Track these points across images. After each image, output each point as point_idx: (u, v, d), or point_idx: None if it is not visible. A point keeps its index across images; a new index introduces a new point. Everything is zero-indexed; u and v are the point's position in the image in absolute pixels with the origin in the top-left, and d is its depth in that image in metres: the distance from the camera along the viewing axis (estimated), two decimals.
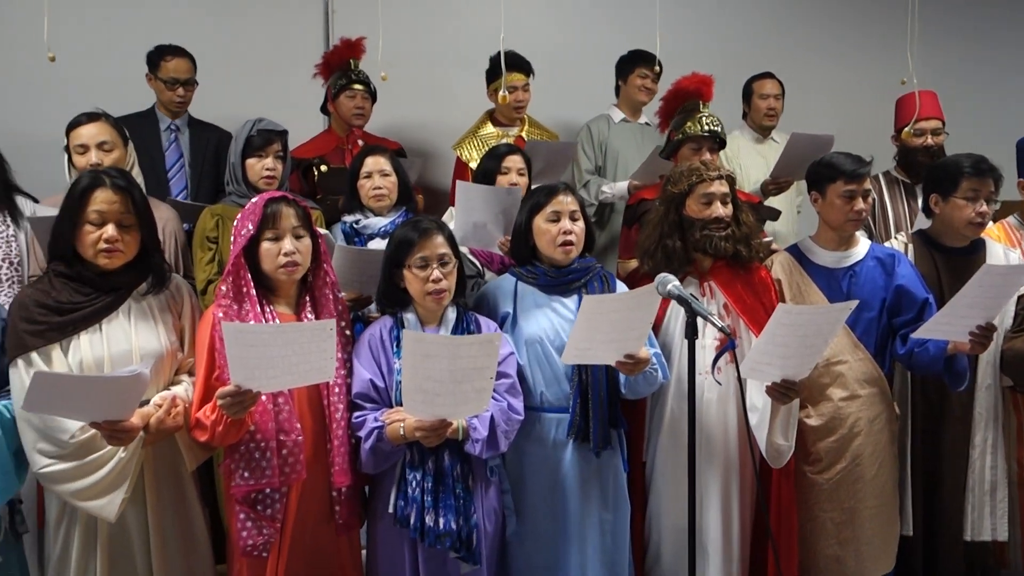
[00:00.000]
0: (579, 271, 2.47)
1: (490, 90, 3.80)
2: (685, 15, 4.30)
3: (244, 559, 2.13)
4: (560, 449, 2.41)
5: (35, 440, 2.01)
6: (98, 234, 2.06)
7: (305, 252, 2.18)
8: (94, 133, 2.66)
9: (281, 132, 2.91)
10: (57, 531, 2.12)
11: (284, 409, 2.12)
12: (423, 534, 2.18)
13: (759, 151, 4.04)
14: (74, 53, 3.23)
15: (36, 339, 2.02)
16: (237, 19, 4.04)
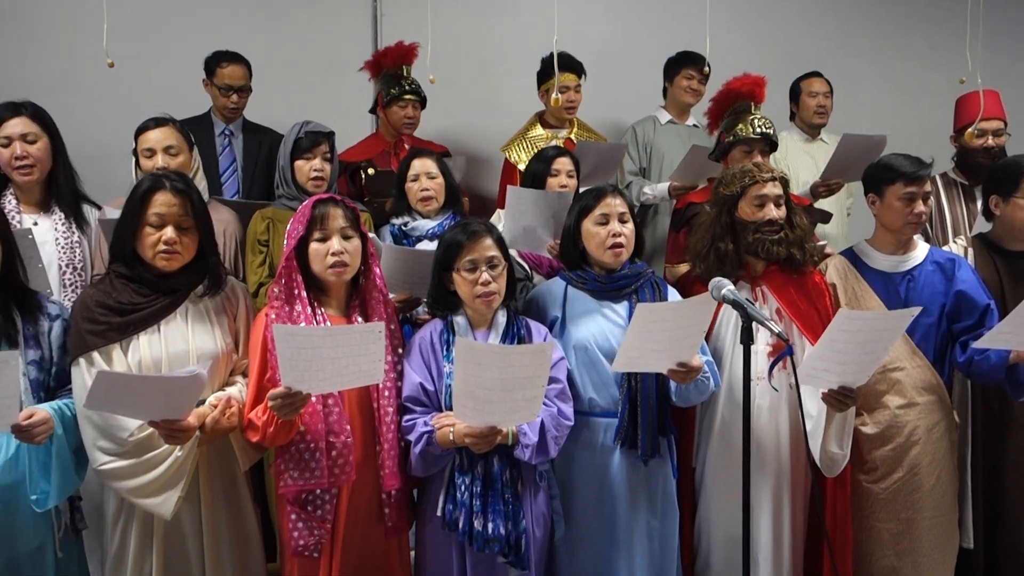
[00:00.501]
0: (630, 277, 2.45)
1: (541, 91, 3.80)
2: (733, 16, 4.25)
3: (296, 559, 2.16)
4: (608, 454, 2.39)
5: (95, 437, 2.05)
6: (157, 236, 2.10)
7: (354, 252, 2.19)
8: (161, 138, 2.71)
9: (328, 133, 2.93)
10: (115, 527, 2.17)
11: (334, 411, 2.14)
12: (472, 538, 2.18)
13: (808, 151, 3.97)
14: (132, 60, 3.30)
15: (97, 339, 2.06)
16: (287, 24, 4.09)
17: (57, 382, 2.14)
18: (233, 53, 3.59)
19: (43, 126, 2.66)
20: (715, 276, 2.50)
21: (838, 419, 2.36)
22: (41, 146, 2.65)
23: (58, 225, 2.68)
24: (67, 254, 2.67)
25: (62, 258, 2.66)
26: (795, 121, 4.07)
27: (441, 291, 2.33)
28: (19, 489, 2.02)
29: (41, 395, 2.09)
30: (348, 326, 2.15)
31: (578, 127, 3.83)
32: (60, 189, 2.71)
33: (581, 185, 3.41)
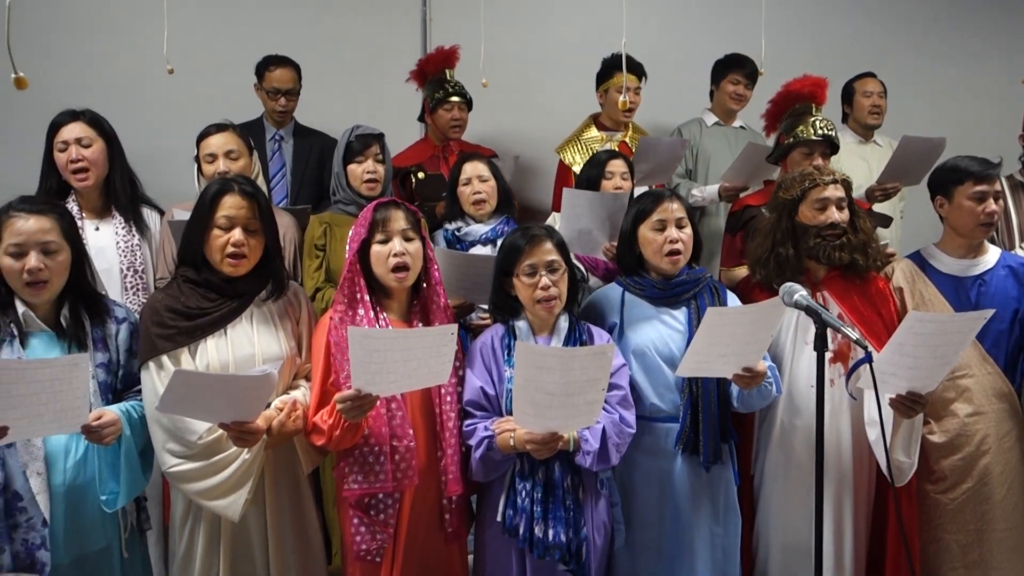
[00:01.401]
0: (688, 282, 2.42)
1: (599, 91, 3.78)
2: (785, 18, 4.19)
3: (358, 563, 2.16)
4: (670, 459, 2.37)
5: (165, 440, 2.07)
6: (225, 238, 2.12)
7: (415, 255, 2.19)
8: (222, 143, 2.75)
9: (378, 135, 2.94)
10: (183, 529, 2.19)
11: (397, 415, 2.14)
12: (532, 545, 2.16)
13: (861, 154, 3.92)
14: (192, 66, 3.34)
15: (166, 343, 2.09)
16: (339, 30, 4.11)
17: (124, 384, 2.16)
18: (282, 57, 3.62)
19: (99, 131, 2.70)
20: (775, 282, 2.49)
21: (905, 426, 2.31)
22: (96, 150, 2.69)
23: (118, 229, 2.73)
24: (128, 257, 2.71)
25: (123, 262, 2.70)
26: (848, 123, 4.01)
27: (502, 296, 2.32)
28: (88, 490, 2.04)
29: (109, 397, 2.11)
30: (422, 328, 2.15)
31: (632, 130, 3.81)
32: (118, 194, 2.76)
33: (641, 184, 3.39)
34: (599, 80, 3.76)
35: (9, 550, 1.96)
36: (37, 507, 1.97)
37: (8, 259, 2.00)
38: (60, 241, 2.04)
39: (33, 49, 2.09)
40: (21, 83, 1.98)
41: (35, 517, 1.97)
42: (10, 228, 2.00)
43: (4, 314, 2.02)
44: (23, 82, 1.97)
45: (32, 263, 1.99)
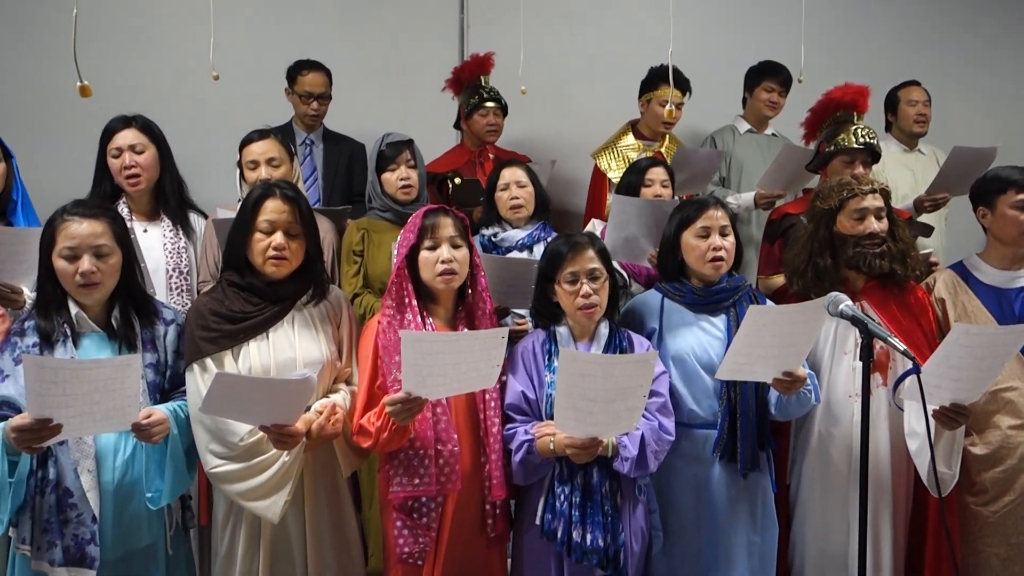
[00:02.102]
0: (728, 290, 2.42)
1: (642, 100, 3.78)
2: (825, 25, 4.17)
3: (400, 566, 2.18)
4: (708, 466, 2.37)
5: (207, 441, 2.11)
6: (267, 242, 2.16)
7: (462, 261, 2.21)
8: (264, 150, 2.81)
9: (408, 141, 2.98)
10: (224, 529, 2.22)
11: (442, 419, 2.16)
12: (570, 549, 2.17)
13: (905, 163, 3.88)
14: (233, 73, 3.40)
15: (210, 345, 2.13)
16: (376, 36, 4.16)
17: (171, 384, 2.20)
18: (313, 61, 3.66)
19: (151, 137, 2.76)
20: (812, 291, 2.49)
21: (947, 438, 2.30)
22: (149, 156, 2.75)
23: (166, 232, 2.79)
24: (174, 259, 2.77)
25: (169, 263, 2.76)
26: (892, 131, 3.97)
27: (543, 302, 2.34)
28: (136, 487, 2.08)
29: (157, 397, 2.15)
30: (474, 331, 2.17)
31: (668, 140, 3.81)
32: (167, 198, 2.82)
33: (678, 192, 3.39)
34: (643, 89, 3.76)
35: (60, 544, 2.00)
36: (87, 503, 2.01)
37: (62, 261, 2.05)
38: (112, 245, 2.08)
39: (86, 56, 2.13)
40: (85, 91, 2.02)
41: (85, 513, 2.01)
42: (64, 231, 2.05)
43: (58, 314, 2.07)
44: (87, 90, 2.02)
45: (85, 266, 2.03)
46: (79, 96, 2.03)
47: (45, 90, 3.69)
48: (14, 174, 2.67)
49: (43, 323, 2.06)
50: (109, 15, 3.75)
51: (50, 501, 2.00)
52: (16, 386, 2.00)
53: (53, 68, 3.61)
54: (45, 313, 2.07)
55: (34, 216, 2.71)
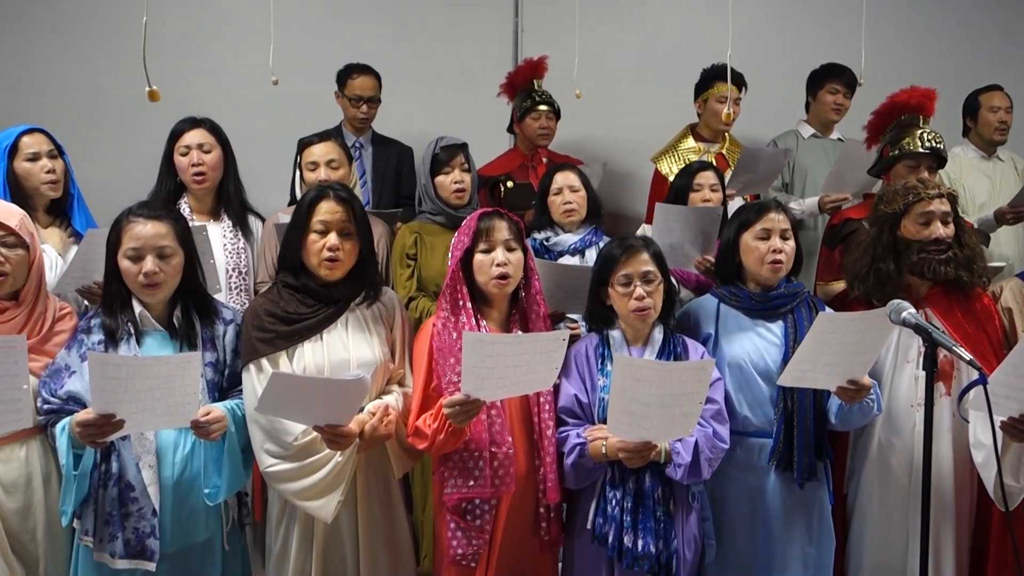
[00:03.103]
0: (786, 296, 2.38)
1: (698, 101, 3.75)
2: (890, 27, 4.08)
3: (453, 567, 2.18)
4: (763, 475, 2.33)
5: (262, 440, 2.15)
6: (321, 243, 2.18)
7: (517, 265, 2.21)
8: (324, 152, 2.87)
9: (462, 144, 2.99)
10: (279, 527, 2.25)
11: (496, 421, 2.16)
12: (621, 554, 2.15)
13: (984, 170, 3.76)
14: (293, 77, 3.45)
15: (266, 346, 2.16)
16: (431, 40, 4.20)
17: (229, 383, 2.24)
18: (363, 65, 3.69)
19: (218, 139, 2.85)
20: (874, 297, 2.43)
21: (1015, 450, 2.21)
22: (215, 156, 2.83)
23: (226, 232, 2.86)
24: (233, 259, 2.84)
25: (229, 262, 2.83)
26: (970, 137, 3.84)
27: (597, 305, 2.32)
28: (194, 483, 2.12)
29: (215, 395, 2.20)
30: (535, 333, 2.17)
31: (729, 142, 3.77)
32: (229, 199, 2.89)
33: (739, 195, 3.34)
34: (698, 90, 3.73)
35: (121, 537, 2.05)
36: (148, 497, 2.06)
37: (127, 261, 2.10)
38: (174, 246, 2.13)
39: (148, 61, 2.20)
40: (154, 95, 2.08)
41: (146, 507, 2.06)
42: (130, 232, 2.10)
43: (122, 312, 2.13)
44: (156, 94, 2.07)
45: (148, 266, 2.08)
46: (147, 100, 2.08)
47: (109, 93, 3.81)
48: (69, 170, 2.76)
49: (108, 321, 2.12)
50: (170, 21, 3.85)
51: (112, 494, 2.06)
52: (82, 382, 2.06)
53: (114, 72, 3.75)
54: (110, 311, 2.13)
55: (87, 213, 2.79)
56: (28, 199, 2.62)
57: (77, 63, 3.88)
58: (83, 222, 2.73)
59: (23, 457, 2.12)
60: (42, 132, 2.70)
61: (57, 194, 2.69)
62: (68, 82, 3.86)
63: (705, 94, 3.69)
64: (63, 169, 2.71)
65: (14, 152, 2.64)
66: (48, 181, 2.64)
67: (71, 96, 3.85)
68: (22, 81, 3.83)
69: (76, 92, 3.87)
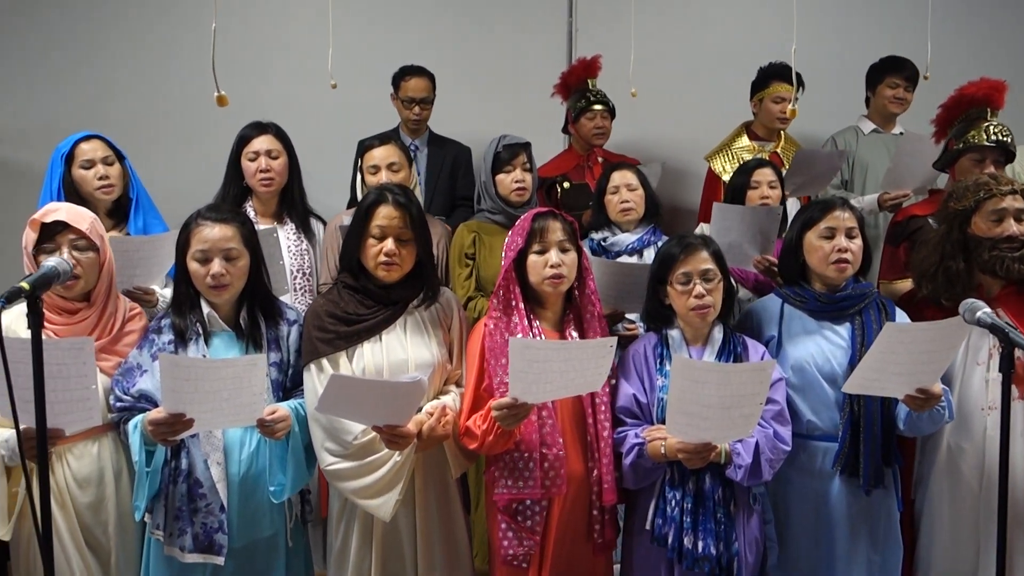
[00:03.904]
0: (853, 296, 2.32)
1: (754, 100, 3.70)
2: (953, 19, 3.96)
3: (504, 567, 2.19)
4: (827, 480, 2.29)
5: (323, 439, 2.18)
6: (379, 247, 2.21)
7: (571, 265, 2.21)
8: (384, 155, 2.90)
9: (525, 144, 2.99)
10: (339, 525, 2.29)
11: (547, 423, 2.16)
12: (681, 555, 2.14)
13: None
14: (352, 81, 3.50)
15: (326, 347, 2.19)
16: (486, 40, 4.20)
17: (293, 383, 2.28)
18: (417, 67, 3.70)
19: (284, 144, 2.92)
20: (943, 297, 2.37)
21: None
22: (281, 162, 2.90)
23: (290, 234, 2.92)
24: (297, 260, 2.90)
25: (293, 264, 2.88)
26: None
27: (656, 304, 2.31)
28: (260, 480, 2.17)
29: (279, 394, 2.24)
30: (582, 341, 2.17)
31: (784, 140, 3.71)
32: (294, 202, 2.95)
33: (794, 195, 3.29)
34: (755, 89, 3.68)
35: (190, 532, 2.11)
36: (216, 494, 2.11)
37: (195, 263, 2.16)
38: (241, 248, 2.18)
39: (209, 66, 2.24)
40: (222, 100, 2.12)
41: (214, 503, 2.11)
42: (198, 235, 2.16)
43: (191, 313, 2.19)
44: (224, 100, 2.12)
45: (215, 269, 2.14)
46: (215, 105, 2.12)
47: (178, 99, 3.91)
48: (130, 174, 2.83)
49: (178, 321, 2.18)
50: (232, 27, 3.93)
51: (182, 490, 2.11)
52: (153, 380, 2.12)
53: (182, 78, 3.85)
54: (180, 312, 2.19)
55: (155, 214, 2.86)
56: (86, 204, 2.69)
57: (146, 69, 3.98)
58: (141, 225, 2.79)
59: (95, 453, 2.18)
60: (99, 138, 2.78)
61: (111, 199, 2.77)
62: (138, 88, 3.97)
63: (761, 93, 3.63)
64: (119, 174, 2.78)
65: (71, 159, 2.73)
66: (101, 187, 2.72)
67: (141, 102, 3.96)
68: (94, 86, 3.95)
69: (146, 97, 3.97)
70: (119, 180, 2.78)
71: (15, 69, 3.94)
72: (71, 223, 2.14)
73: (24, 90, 3.93)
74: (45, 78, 3.94)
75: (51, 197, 2.71)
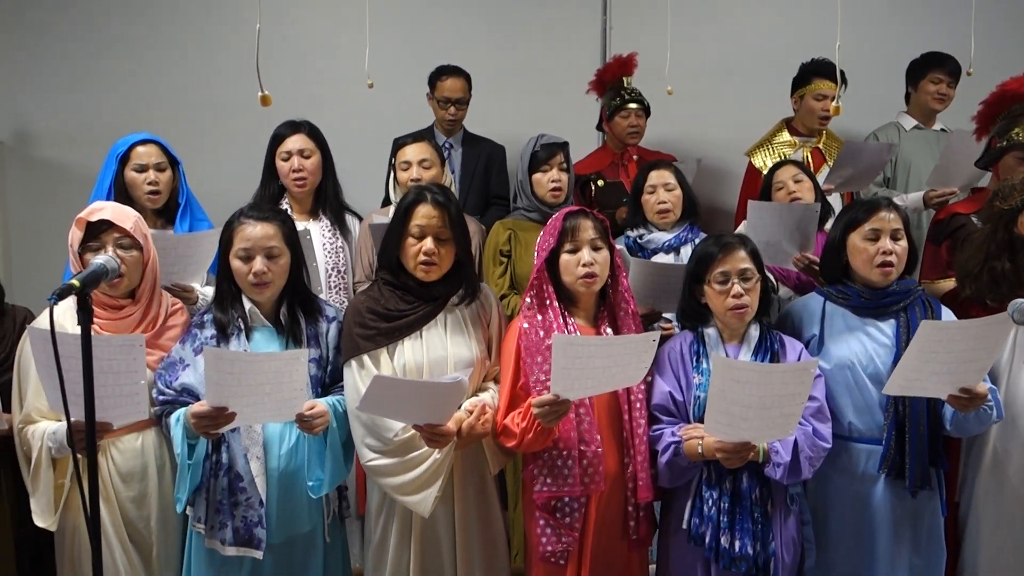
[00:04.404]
0: (898, 293, 2.29)
1: (795, 96, 3.65)
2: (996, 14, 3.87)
3: (542, 565, 2.19)
4: (869, 483, 2.25)
5: (363, 435, 2.20)
6: (418, 247, 2.21)
7: (603, 264, 2.20)
8: (416, 152, 2.92)
9: (563, 144, 2.99)
10: (377, 520, 2.30)
11: (584, 420, 2.15)
12: (718, 555, 2.13)
13: None
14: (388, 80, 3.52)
15: (367, 343, 2.20)
16: (519, 39, 4.20)
17: (331, 379, 2.30)
18: (454, 67, 3.70)
19: (317, 143, 2.92)
20: (988, 297, 2.33)
21: None
22: (314, 161, 2.91)
23: (324, 232, 2.93)
24: (332, 258, 2.91)
25: (328, 262, 2.90)
26: None
27: (691, 303, 2.29)
28: (298, 476, 2.19)
29: (318, 391, 2.26)
30: (627, 336, 2.16)
31: (827, 136, 3.66)
32: (328, 200, 2.97)
33: (838, 190, 3.23)
34: (795, 85, 3.63)
35: (231, 525, 2.14)
36: (256, 488, 2.13)
37: (237, 261, 2.19)
38: (282, 246, 2.21)
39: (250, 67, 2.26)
40: (266, 100, 2.15)
41: (253, 497, 2.14)
42: (241, 233, 2.19)
43: (233, 309, 2.22)
44: (268, 99, 2.15)
45: (257, 266, 2.16)
46: (258, 105, 2.15)
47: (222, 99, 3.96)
48: (180, 180, 2.87)
49: (220, 316, 2.21)
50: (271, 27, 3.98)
51: (223, 484, 2.14)
52: (195, 375, 2.15)
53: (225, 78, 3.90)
54: (222, 307, 2.22)
55: (202, 217, 2.89)
56: (134, 205, 2.73)
57: (188, 70, 4.04)
58: (187, 228, 2.82)
59: (139, 448, 2.22)
60: (156, 143, 2.81)
61: (157, 205, 2.80)
62: (181, 88, 4.03)
63: (802, 90, 3.58)
64: (168, 180, 2.81)
65: (126, 160, 2.77)
66: (149, 192, 2.75)
67: (184, 102, 4.01)
68: (138, 87, 4.02)
69: (189, 98, 4.03)
70: (167, 187, 2.81)
71: (58, 71, 4.02)
72: (116, 222, 2.17)
73: (68, 92, 4.01)
74: (88, 80, 4.01)
75: (102, 194, 2.75)
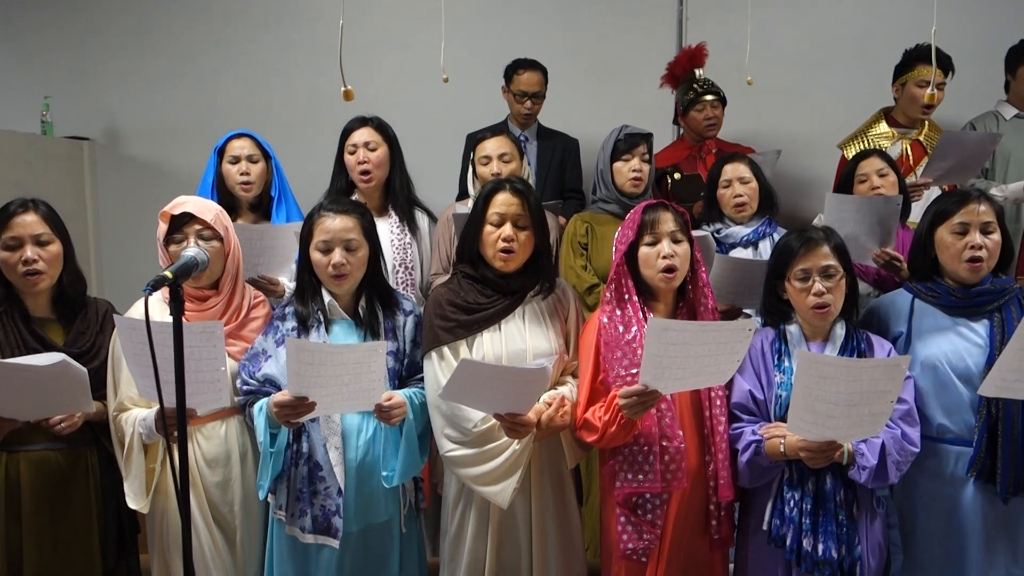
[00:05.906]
0: (992, 292, 2.19)
1: (896, 85, 3.49)
2: None
3: (623, 561, 2.17)
4: (959, 486, 2.16)
5: (443, 426, 2.22)
6: (497, 234, 2.22)
7: (683, 256, 2.16)
8: (496, 146, 2.92)
9: (647, 135, 2.95)
10: (455, 510, 2.32)
11: (667, 415, 2.12)
12: (800, 558, 2.07)
13: None
14: (463, 75, 3.54)
15: (447, 335, 2.22)
16: (594, 32, 4.17)
17: (408, 372, 2.33)
18: (530, 60, 3.69)
19: (384, 136, 2.93)
20: None
21: None
22: (380, 154, 2.92)
23: (393, 228, 2.94)
24: (400, 254, 2.92)
25: (395, 258, 2.91)
26: None
27: (773, 299, 2.24)
28: (375, 466, 2.22)
29: (395, 383, 2.29)
30: (722, 322, 2.10)
31: (928, 127, 3.49)
32: (396, 195, 2.97)
33: (941, 182, 3.10)
34: (898, 73, 3.47)
35: (310, 513, 2.18)
36: (334, 477, 2.17)
37: (317, 253, 2.23)
38: (360, 239, 2.24)
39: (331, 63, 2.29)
40: (349, 95, 2.18)
41: (332, 486, 2.18)
42: (320, 226, 2.23)
43: (313, 301, 2.26)
44: (350, 94, 2.17)
45: (336, 258, 2.20)
46: (342, 100, 2.17)
47: (311, 94, 4.06)
48: (275, 172, 2.94)
49: (301, 309, 2.26)
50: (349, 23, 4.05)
51: (303, 472, 2.19)
52: (277, 365, 2.20)
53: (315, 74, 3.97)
54: (302, 300, 2.27)
55: (297, 211, 2.95)
56: (231, 196, 2.86)
57: (269, 67, 4.16)
58: (282, 221, 2.88)
59: (223, 434, 2.28)
60: (250, 137, 2.91)
61: (248, 195, 2.89)
62: (264, 85, 4.16)
63: (905, 77, 3.42)
64: (261, 172, 2.89)
65: (223, 153, 2.89)
66: (240, 183, 2.85)
67: (268, 98, 4.14)
68: (219, 86, 4.15)
69: (272, 94, 4.15)
70: (260, 178, 2.89)
71: (147, 70, 4.17)
72: (197, 214, 2.23)
73: (156, 90, 4.16)
74: (176, 78, 4.16)
75: (205, 188, 2.89)
